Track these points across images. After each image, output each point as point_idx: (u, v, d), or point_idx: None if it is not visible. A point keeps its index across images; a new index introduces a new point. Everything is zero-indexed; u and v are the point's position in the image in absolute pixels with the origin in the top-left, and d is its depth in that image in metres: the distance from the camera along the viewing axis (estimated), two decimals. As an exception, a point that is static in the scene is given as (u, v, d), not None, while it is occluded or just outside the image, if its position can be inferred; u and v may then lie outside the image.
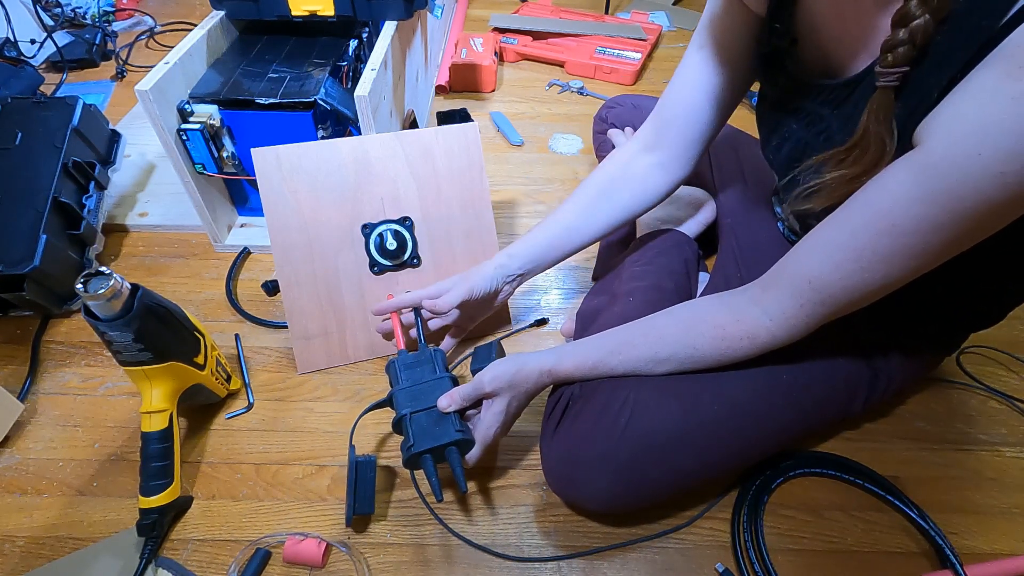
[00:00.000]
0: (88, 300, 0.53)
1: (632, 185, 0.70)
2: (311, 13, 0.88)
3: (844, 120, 0.49)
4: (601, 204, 0.70)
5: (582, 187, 0.72)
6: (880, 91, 0.42)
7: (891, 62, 0.41)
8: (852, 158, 0.46)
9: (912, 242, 0.42)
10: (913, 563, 0.61)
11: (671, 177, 0.70)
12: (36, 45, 1.39)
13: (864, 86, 0.47)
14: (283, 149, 0.73)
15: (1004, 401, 0.76)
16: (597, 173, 0.72)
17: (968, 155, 0.37)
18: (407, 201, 0.77)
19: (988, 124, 0.36)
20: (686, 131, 0.66)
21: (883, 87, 0.42)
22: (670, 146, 0.68)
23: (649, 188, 0.70)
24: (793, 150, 0.57)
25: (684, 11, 1.72)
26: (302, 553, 0.60)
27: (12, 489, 0.67)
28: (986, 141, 0.36)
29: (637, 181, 0.70)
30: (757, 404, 0.58)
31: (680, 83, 0.65)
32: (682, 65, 0.65)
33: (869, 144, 0.44)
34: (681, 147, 0.68)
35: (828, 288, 0.48)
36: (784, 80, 0.57)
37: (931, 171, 0.40)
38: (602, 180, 0.71)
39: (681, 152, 0.68)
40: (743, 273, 0.69)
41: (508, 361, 0.59)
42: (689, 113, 0.65)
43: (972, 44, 0.37)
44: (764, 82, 0.62)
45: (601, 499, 0.58)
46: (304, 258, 0.75)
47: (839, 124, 0.50)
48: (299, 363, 0.78)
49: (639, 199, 0.71)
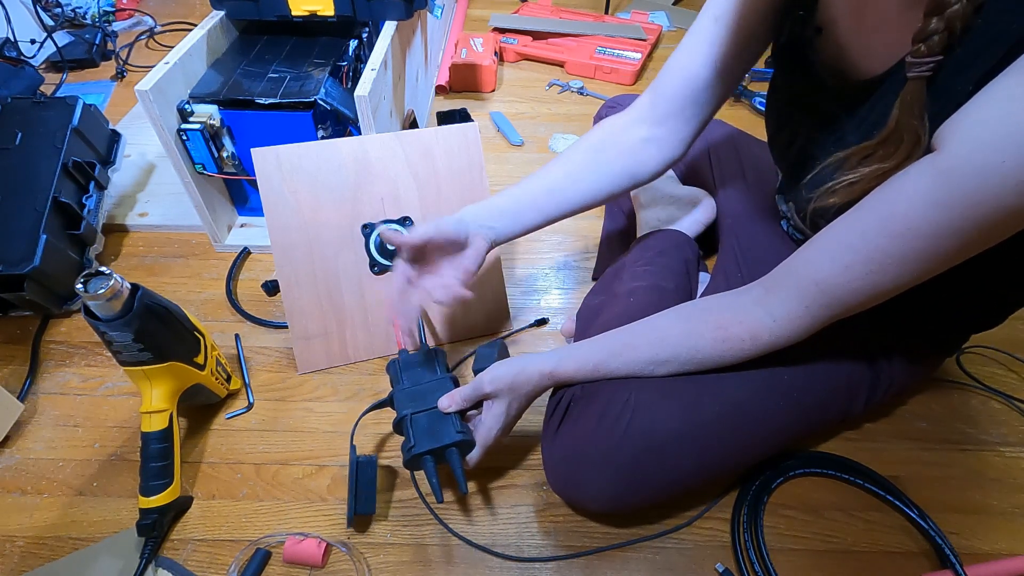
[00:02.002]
0: (88, 300, 0.53)
1: (623, 155, 0.67)
2: (311, 13, 0.88)
3: (859, 123, 0.48)
4: (589, 169, 0.66)
5: (571, 149, 0.68)
6: (911, 82, 0.41)
7: (924, 52, 0.40)
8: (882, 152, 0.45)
9: (925, 246, 0.42)
10: (913, 563, 0.61)
11: (664, 155, 0.67)
12: (36, 45, 1.39)
13: (882, 91, 0.46)
14: (283, 149, 0.73)
15: (1004, 401, 0.76)
16: (588, 137, 0.68)
17: (990, 163, 0.37)
18: (407, 201, 0.77)
19: (1012, 132, 0.36)
20: (685, 108, 0.64)
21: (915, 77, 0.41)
22: (666, 121, 0.65)
23: (641, 162, 0.67)
24: (804, 147, 0.56)
25: (684, 11, 1.72)
26: (302, 553, 0.60)
27: (12, 489, 0.67)
28: (1009, 149, 0.36)
29: (629, 153, 0.67)
30: (758, 405, 0.58)
31: (687, 56, 0.62)
32: (691, 35, 0.61)
33: (902, 138, 0.43)
34: (678, 124, 0.65)
35: (835, 290, 0.47)
36: (800, 74, 0.56)
37: (951, 176, 0.39)
38: (593, 144, 0.67)
39: (677, 129, 0.65)
40: (744, 273, 0.69)
41: (509, 363, 0.59)
42: (691, 89, 0.62)
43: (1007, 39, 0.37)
44: (779, 73, 0.61)
45: (603, 499, 0.58)
46: (304, 258, 0.75)
47: (853, 126, 0.49)
48: (299, 363, 0.78)
49: (629, 171, 0.67)
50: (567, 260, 0.95)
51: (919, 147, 0.42)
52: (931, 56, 0.40)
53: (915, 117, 0.42)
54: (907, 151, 0.43)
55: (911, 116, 0.42)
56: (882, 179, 0.45)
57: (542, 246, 0.97)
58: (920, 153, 0.42)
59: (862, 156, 0.47)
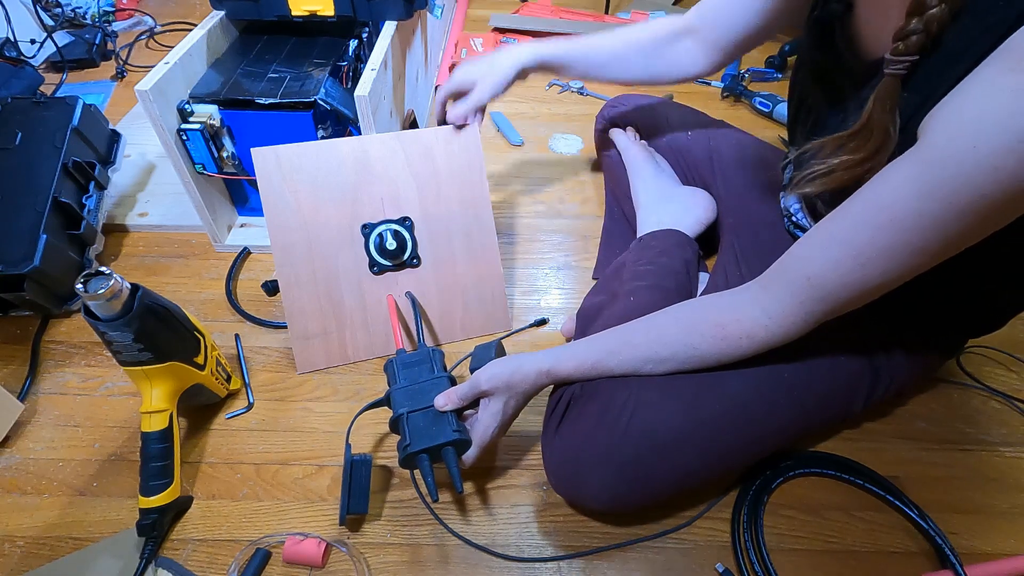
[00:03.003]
0: (88, 300, 0.53)
1: (668, 59, 0.77)
2: (311, 13, 0.88)
3: (860, 103, 0.49)
4: (637, 61, 0.77)
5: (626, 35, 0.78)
6: (887, 79, 0.42)
7: (901, 50, 0.40)
8: (854, 144, 0.45)
9: (911, 238, 0.42)
10: (913, 563, 0.61)
11: (701, 67, 0.77)
12: (36, 45, 1.39)
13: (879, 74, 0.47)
14: (283, 149, 0.73)
15: (1004, 401, 0.76)
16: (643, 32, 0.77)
17: (965, 149, 0.37)
18: (407, 201, 0.77)
19: (985, 118, 0.36)
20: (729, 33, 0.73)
21: (891, 75, 0.42)
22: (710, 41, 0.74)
23: (682, 68, 0.77)
24: (813, 125, 0.57)
25: (684, 11, 1.72)
26: (302, 553, 0.60)
27: (12, 489, 0.67)
28: (982, 135, 0.36)
29: (673, 57, 0.76)
30: (759, 403, 0.58)
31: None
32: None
33: (872, 131, 0.43)
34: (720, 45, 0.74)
35: (827, 286, 0.48)
36: (826, 48, 0.57)
37: (931, 166, 0.39)
38: (646, 41, 0.77)
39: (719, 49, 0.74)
40: (744, 272, 0.69)
41: (505, 361, 0.59)
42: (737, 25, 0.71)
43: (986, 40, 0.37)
44: (807, 47, 0.62)
45: (603, 498, 0.58)
46: (304, 258, 0.75)
47: (854, 106, 0.50)
48: (298, 363, 0.78)
49: (667, 72, 0.78)
50: (567, 260, 0.95)
51: (888, 143, 0.43)
52: (908, 55, 0.40)
53: (887, 112, 0.42)
54: (876, 145, 0.43)
55: (883, 111, 0.42)
56: (852, 172, 0.46)
57: (542, 246, 0.97)
58: (889, 149, 0.43)
59: (836, 146, 0.47)
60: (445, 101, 0.79)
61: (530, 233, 0.99)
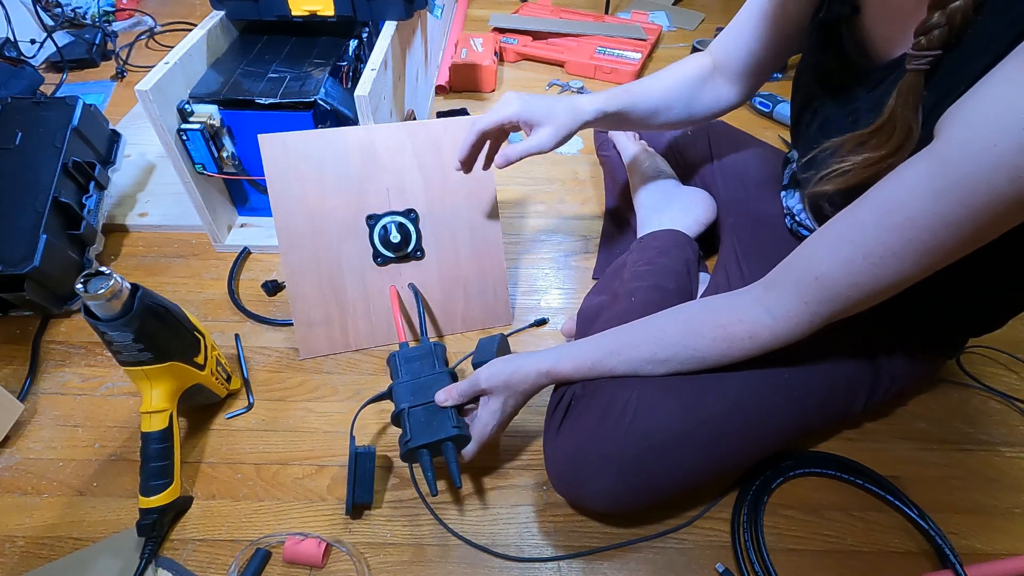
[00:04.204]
0: (88, 300, 0.53)
1: (705, 101, 0.76)
2: (311, 13, 0.88)
3: (874, 104, 0.48)
4: (680, 107, 0.75)
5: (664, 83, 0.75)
6: (910, 74, 0.41)
7: (924, 45, 0.40)
8: (876, 141, 0.45)
9: (925, 238, 0.41)
10: (913, 563, 0.61)
11: (734, 99, 0.77)
12: (36, 45, 1.39)
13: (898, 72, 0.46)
14: (290, 136, 0.73)
15: (1004, 401, 0.76)
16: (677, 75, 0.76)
17: (983, 146, 0.37)
18: (413, 193, 0.77)
19: (1005, 116, 0.35)
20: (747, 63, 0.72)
21: (913, 70, 0.41)
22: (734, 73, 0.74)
23: (719, 104, 0.77)
24: (821, 127, 0.57)
25: (684, 11, 1.72)
26: (302, 553, 0.60)
27: (12, 489, 0.67)
28: (1002, 132, 0.36)
29: (709, 98, 0.76)
30: (759, 403, 0.58)
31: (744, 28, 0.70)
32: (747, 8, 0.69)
33: (895, 128, 0.43)
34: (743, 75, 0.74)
35: (836, 286, 0.47)
36: (832, 51, 0.57)
37: (947, 164, 0.39)
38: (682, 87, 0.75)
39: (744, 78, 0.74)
40: (745, 272, 0.69)
41: (506, 361, 0.59)
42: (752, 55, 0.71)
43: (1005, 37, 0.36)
44: (811, 50, 0.62)
45: (605, 498, 0.58)
46: (308, 246, 0.75)
47: (868, 107, 0.49)
48: (301, 349, 0.79)
49: (707, 111, 0.77)
50: (567, 260, 0.95)
51: (910, 140, 0.42)
52: (931, 50, 0.40)
53: (910, 108, 0.42)
54: (898, 142, 0.43)
55: (906, 107, 0.42)
56: (872, 169, 0.45)
57: (542, 246, 0.97)
58: (911, 146, 0.42)
59: (855, 143, 0.47)
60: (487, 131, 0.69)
61: (530, 233, 0.99)
